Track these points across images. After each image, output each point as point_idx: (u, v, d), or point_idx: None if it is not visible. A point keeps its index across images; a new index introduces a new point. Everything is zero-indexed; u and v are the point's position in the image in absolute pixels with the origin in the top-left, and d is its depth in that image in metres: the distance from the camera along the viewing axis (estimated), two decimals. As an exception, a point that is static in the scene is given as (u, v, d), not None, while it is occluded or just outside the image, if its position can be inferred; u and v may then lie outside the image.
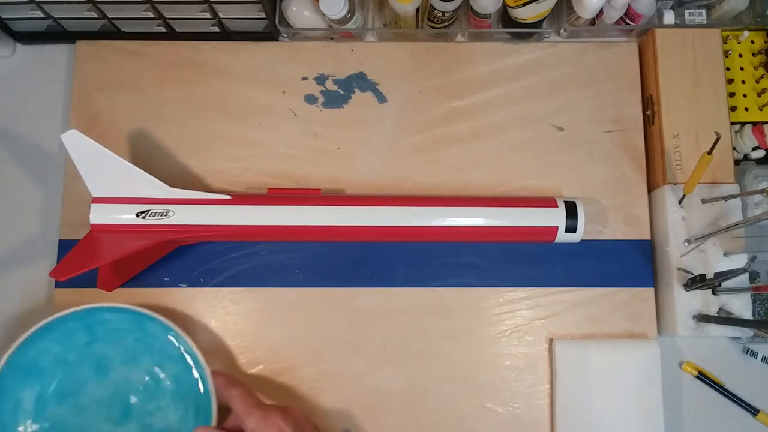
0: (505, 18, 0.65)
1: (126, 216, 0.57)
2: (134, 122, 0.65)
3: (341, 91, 0.66)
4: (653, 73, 0.64)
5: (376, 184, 0.64)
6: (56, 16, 0.64)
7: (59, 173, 0.65)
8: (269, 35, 0.66)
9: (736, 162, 0.65)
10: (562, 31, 0.67)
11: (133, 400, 0.58)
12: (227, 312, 0.62)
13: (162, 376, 0.58)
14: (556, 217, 0.59)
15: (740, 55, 0.66)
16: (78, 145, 0.55)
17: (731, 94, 0.65)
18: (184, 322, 0.61)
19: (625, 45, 0.67)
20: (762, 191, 0.56)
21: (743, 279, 0.59)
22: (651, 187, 0.64)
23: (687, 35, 0.64)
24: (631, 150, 0.65)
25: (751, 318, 0.60)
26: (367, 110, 0.66)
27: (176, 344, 0.57)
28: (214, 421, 0.54)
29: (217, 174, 0.64)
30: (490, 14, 0.63)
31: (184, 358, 0.57)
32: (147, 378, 0.58)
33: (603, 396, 0.60)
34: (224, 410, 0.55)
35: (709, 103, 0.63)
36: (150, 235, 0.56)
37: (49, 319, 0.55)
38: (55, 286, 0.62)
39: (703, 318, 0.59)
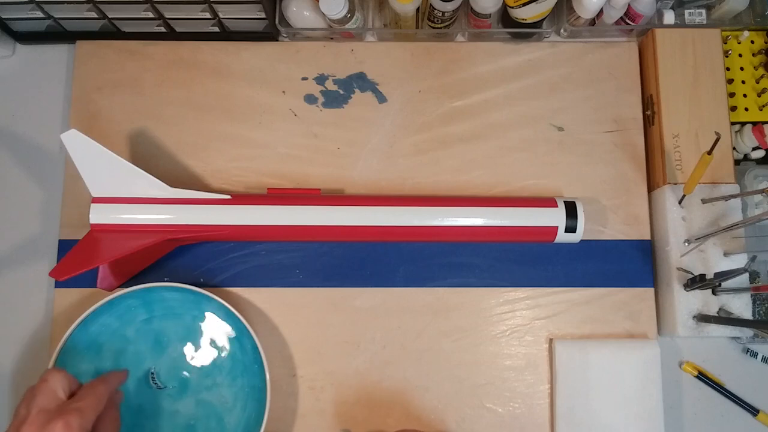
0: (505, 18, 0.65)
1: (126, 216, 0.57)
2: (134, 122, 0.65)
3: (341, 91, 0.66)
4: (653, 73, 0.64)
5: (376, 184, 0.64)
6: (56, 16, 0.64)
7: (59, 173, 0.65)
8: (269, 35, 0.66)
9: (736, 162, 0.65)
10: (562, 31, 0.67)
11: (189, 376, 0.59)
12: (227, 312, 0.62)
13: (217, 353, 0.60)
14: (555, 217, 0.59)
15: (740, 55, 0.66)
16: (78, 144, 0.55)
17: (731, 94, 0.65)
18: (184, 322, 0.61)
19: (625, 45, 0.67)
20: (762, 191, 0.56)
21: (743, 279, 0.59)
22: (651, 187, 0.65)
23: (687, 35, 0.64)
24: (631, 150, 0.65)
25: (751, 318, 0.60)
26: (367, 110, 0.66)
27: (232, 323, 0.59)
28: (268, 400, 0.55)
29: (217, 174, 0.64)
30: (490, 14, 0.63)
31: (240, 337, 0.59)
32: (203, 355, 0.60)
33: (603, 396, 0.60)
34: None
35: (709, 103, 0.63)
36: (150, 235, 0.57)
37: (110, 296, 0.57)
38: (55, 286, 0.62)
39: (703, 318, 0.59)
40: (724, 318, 0.58)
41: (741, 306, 0.59)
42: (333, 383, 0.61)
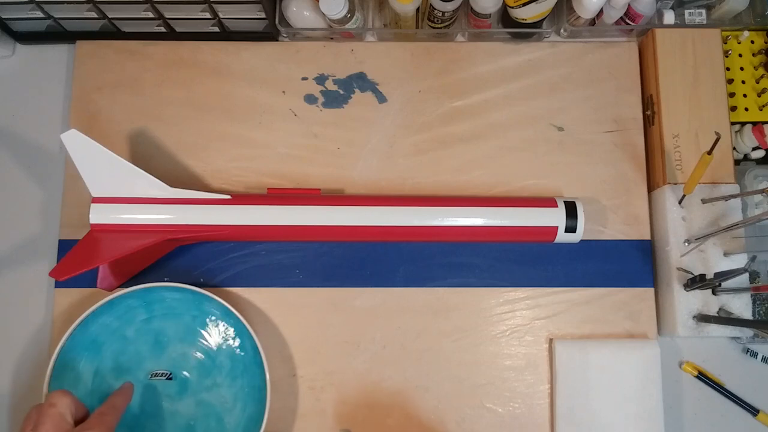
0: (505, 18, 0.65)
1: (126, 216, 0.57)
2: (134, 122, 0.65)
3: (341, 91, 0.66)
4: (653, 73, 0.64)
5: (376, 184, 0.64)
6: (56, 16, 0.64)
7: (59, 173, 0.65)
8: (269, 35, 0.66)
9: (736, 162, 0.65)
10: (562, 31, 0.67)
11: (189, 376, 0.59)
12: (227, 312, 0.62)
13: (217, 354, 0.60)
14: (555, 217, 0.59)
15: (740, 55, 0.66)
16: (78, 144, 0.55)
17: (731, 94, 0.65)
18: (184, 322, 0.61)
19: (625, 45, 0.67)
20: (762, 191, 0.56)
21: (743, 279, 0.59)
22: (651, 187, 0.65)
23: (687, 35, 0.64)
24: (631, 150, 0.65)
25: (751, 318, 0.60)
26: (367, 110, 0.66)
27: (232, 323, 0.59)
28: (268, 400, 0.55)
29: (217, 174, 0.64)
30: (490, 14, 0.63)
31: (240, 337, 0.59)
32: (202, 355, 0.59)
33: (603, 396, 0.60)
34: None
35: (709, 103, 0.63)
36: (150, 235, 0.57)
37: (110, 296, 0.57)
38: (55, 286, 0.62)
39: (703, 318, 0.59)
40: (724, 318, 0.58)
41: (741, 306, 0.59)
42: (333, 383, 0.61)
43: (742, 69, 0.66)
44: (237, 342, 0.59)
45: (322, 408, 0.60)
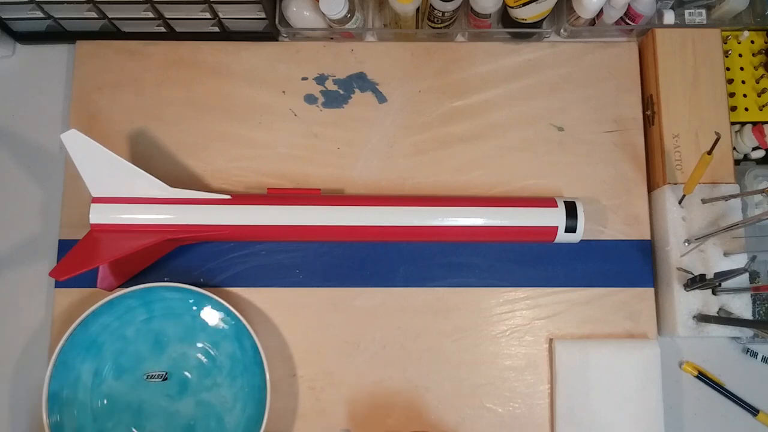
0: (505, 18, 0.65)
1: (126, 216, 0.57)
2: (134, 122, 0.65)
3: (341, 91, 0.66)
4: (653, 73, 0.64)
5: (376, 184, 0.64)
6: (56, 16, 0.64)
7: (59, 173, 0.65)
8: (269, 35, 0.66)
9: (736, 162, 0.65)
10: (562, 31, 0.67)
11: (189, 376, 0.59)
12: (227, 312, 0.62)
13: (217, 353, 0.60)
14: (555, 217, 0.59)
15: (740, 55, 0.66)
16: (78, 144, 0.55)
17: (731, 94, 0.65)
18: (184, 322, 0.61)
19: (625, 45, 0.67)
20: (762, 191, 0.56)
21: (743, 279, 0.59)
22: (651, 187, 0.65)
23: (687, 35, 0.64)
24: (631, 150, 0.65)
25: (751, 318, 0.60)
26: (367, 110, 0.66)
27: (232, 323, 0.59)
28: (268, 400, 0.55)
29: (217, 174, 0.64)
30: (490, 14, 0.63)
31: (240, 337, 0.59)
32: (202, 355, 0.60)
33: (603, 396, 0.60)
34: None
35: (709, 103, 0.63)
36: (150, 235, 0.57)
37: (110, 296, 0.57)
38: (55, 286, 0.62)
39: (703, 318, 0.59)
40: (724, 318, 0.58)
41: (741, 306, 0.59)
42: (333, 383, 0.61)
43: (742, 69, 0.66)
44: (237, 342, 0.59)
45: (322, 408, 0.60)
